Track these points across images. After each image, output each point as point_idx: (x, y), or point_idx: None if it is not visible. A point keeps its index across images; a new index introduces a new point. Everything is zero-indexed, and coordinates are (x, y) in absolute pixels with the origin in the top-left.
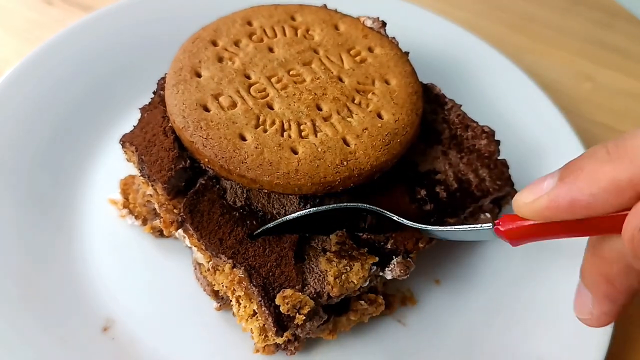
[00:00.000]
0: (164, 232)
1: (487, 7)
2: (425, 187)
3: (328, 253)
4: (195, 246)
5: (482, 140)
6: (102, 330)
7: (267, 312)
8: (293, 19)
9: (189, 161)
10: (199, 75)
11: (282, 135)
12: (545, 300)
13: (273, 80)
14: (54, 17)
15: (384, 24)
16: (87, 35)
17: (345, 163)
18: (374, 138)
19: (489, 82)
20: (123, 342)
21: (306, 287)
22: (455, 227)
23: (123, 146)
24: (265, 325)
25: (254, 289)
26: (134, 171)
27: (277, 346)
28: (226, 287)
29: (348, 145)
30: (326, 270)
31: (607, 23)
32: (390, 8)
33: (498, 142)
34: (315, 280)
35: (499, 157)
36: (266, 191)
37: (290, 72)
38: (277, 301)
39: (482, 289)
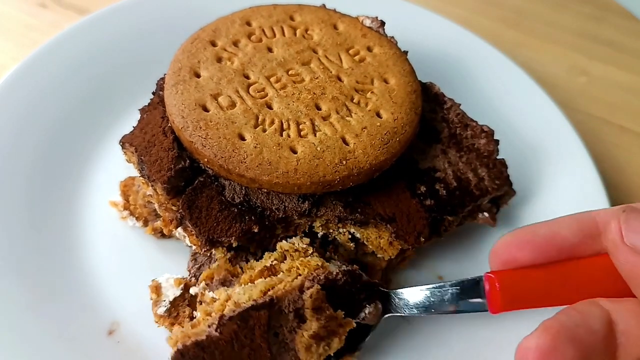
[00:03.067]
0: (164, 231)
1: (482, 4)
2: (425, 183)
3: (305, 335)
4: (194, 244)
5: (481, 140)
6: (108, 334)
7: None
8: (292, 18)
9: (188, 161)
10: (198, 76)
11: (282, 135)
12: None
13: (272, 80)
14: (49, 20)
15: (382, 23)
16: (84, 37)
17: (344, 162)
18: (373, 137)
19: (486, 78)
20: (128, 345)
21: None
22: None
23: (123, 147)
24: None
25: None
26: (134, 173)
27: None
28: None
29: (347, 144)
30: None
31: (599, 17)
32: (389, 7)
33: (497, 142)
34: None
35: (497, 157)
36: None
37: (289, 72)
38: None
39: None
